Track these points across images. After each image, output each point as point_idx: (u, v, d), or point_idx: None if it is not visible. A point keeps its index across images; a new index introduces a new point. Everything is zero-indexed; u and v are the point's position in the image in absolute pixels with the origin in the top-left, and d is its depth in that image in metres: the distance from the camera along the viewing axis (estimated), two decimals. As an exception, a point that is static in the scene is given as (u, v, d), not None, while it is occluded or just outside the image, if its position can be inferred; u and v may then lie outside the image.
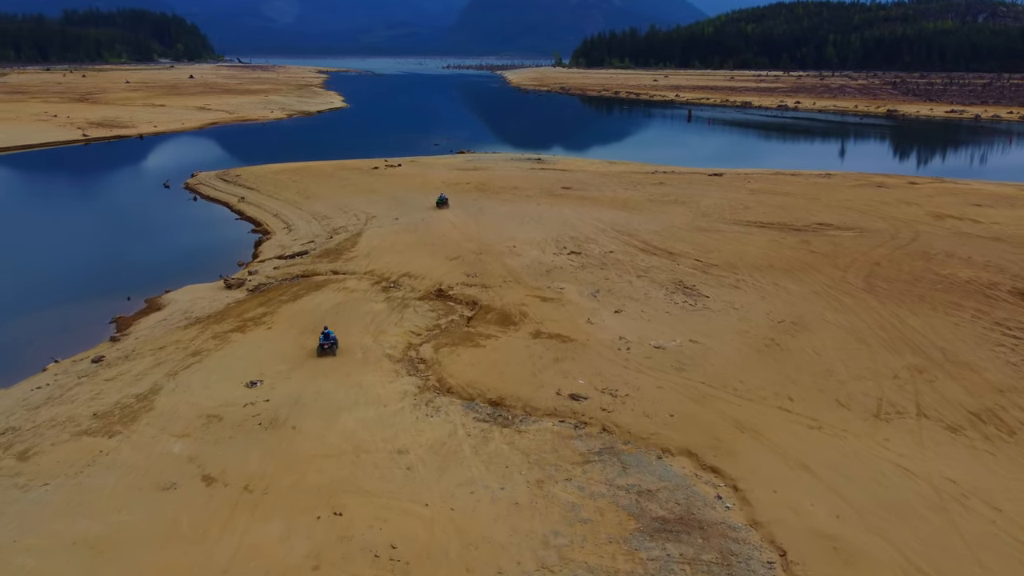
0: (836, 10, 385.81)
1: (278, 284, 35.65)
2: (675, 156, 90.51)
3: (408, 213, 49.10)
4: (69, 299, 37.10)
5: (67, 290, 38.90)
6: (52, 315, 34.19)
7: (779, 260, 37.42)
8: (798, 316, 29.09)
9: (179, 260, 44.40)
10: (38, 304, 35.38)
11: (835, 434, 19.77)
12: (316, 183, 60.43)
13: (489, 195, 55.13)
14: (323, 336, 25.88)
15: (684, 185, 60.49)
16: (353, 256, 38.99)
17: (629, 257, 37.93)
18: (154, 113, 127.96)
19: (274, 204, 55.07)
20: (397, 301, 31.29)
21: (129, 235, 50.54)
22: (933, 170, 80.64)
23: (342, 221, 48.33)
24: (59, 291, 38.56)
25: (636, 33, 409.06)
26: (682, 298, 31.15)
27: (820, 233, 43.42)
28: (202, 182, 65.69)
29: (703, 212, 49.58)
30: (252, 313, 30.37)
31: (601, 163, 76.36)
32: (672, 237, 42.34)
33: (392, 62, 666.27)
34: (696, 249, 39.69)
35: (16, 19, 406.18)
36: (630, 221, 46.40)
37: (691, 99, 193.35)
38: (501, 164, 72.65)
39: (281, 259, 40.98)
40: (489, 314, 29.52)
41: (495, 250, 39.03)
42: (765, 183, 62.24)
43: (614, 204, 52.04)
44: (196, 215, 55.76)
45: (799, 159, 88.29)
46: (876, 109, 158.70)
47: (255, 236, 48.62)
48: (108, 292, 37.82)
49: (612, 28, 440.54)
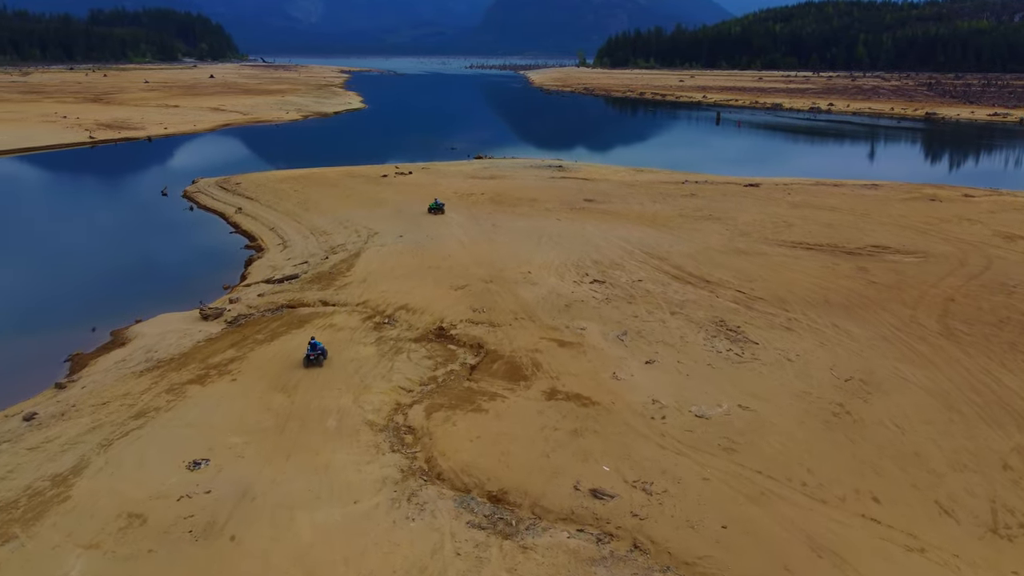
0: (867, 9, 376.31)
1: (259, 316, 31.27)
2: (705, 162, 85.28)
3: (414, 229, 44.57)
4: (29, 328, 33.05)
5: (30, 316, 34.86)
6: (3, 349, 30.08)
7: (835, 293, 32.34)
8: (868, 371, 24.08)
9: (160, 281, 40.31)
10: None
11: (944, 562, 14.85)
12: (319, 193, 56.13)
13: (504, 208, 50.46)
14: (310, 347, 24.82)
15: (718, 197, 55.38)
16: (347, 282, 34.49)
17: (660, 287, 33.05)
18: (166, 114, 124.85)
19: (272, 216, 50.83)
20: (389, 344, 26.70)
21: (112, 251, 46.52)
22: (986, 180, 74.55)
23: (341, 238, 43.91)
24: (20, 318, 34.54)
25: (662, 32, 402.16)
26: (725, 344, 26.24)
27: (878, 258, 38.21)
28: (201, 190, 61.72)
29: (741, 230, 44.51)
30: (219, 357, 25.93)
31: (626, 171, 71.38)
32: (708, 261, 37.37)
33: (415, 62, 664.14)
34: (737, 277, 34.71)
35: (43, 19, 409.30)
36: (660, 241, 41.47)
37: (719, 100, 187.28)
38: (519, 172, 67.94)
39: (269, 283, 36.62)
40: (496, 363, 24.83)
41: (507, 277, 34.33)
42: (807, 195, 56.95)
43: (641, 220, 47.13)
44: (188, 228, 51.70)
45: (839, 167, 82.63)
46: (914, 112, 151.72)
47: (247, 253, 44.40)
48: (75, 319, 33.74)
49: (637, 27, 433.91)
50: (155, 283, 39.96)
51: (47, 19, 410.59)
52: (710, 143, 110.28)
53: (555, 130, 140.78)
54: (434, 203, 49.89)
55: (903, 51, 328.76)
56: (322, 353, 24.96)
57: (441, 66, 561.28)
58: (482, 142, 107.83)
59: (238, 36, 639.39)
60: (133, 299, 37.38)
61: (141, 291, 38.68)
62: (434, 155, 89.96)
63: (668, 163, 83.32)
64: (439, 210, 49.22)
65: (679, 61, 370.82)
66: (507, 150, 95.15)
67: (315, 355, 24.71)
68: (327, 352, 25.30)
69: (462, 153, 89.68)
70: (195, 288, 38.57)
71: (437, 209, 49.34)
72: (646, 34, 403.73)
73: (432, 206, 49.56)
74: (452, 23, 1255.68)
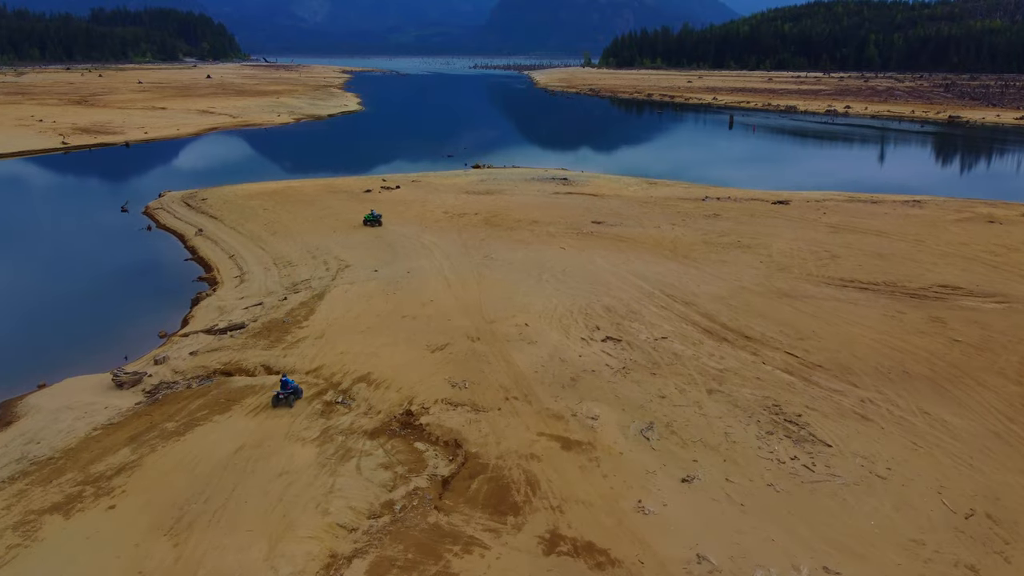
0: (877, 9, 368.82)
1: (184, 387, 24.67)
2: (722, 172, 78.48)
3: (392, 260, 37.90)
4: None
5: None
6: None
7: (911, 357, 25.55)
8: (991, 497, 17.34)
9: (90, 326, 33.73)
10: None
11: None
12: (290, 213, 49.50)
13: (500, 232, 43.75)
14: (282, 384, 22.81)
15: (745, 218, 48.59)
16: (301, 337, 27.83)
17: (691, 348, 26.31)
18: (151, 117, 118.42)
19: (234, 241, 44.26)
20: (337, 442, 20.04)
21: (43, 285, 39.86)
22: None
23: (307, 271, 37.25)
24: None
25: (668, 32, 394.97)
26: (787, 446, 19.49)
27: (950, 303, 31.40)
28: (164, 206, 55.23)
29: (778, 263, 37.72)
30: (108, 461, 19.33)
31: (638, 183, 64.56)
32: (745, 308, 30.61)
33: (420, 62, 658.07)
34: (783, 331, 27.96)
35: (43, 18, 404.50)
36: (684, 278, 34.70)
37: (729, 102, 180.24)
38: (519, 186, 61.18)
39: (210, 334, 30.02)
40: (476, 479, 18.14)
41: (499, 332, 27.63)
42: (844, 215, 50.11)
43: (660, 249, 40.37)
44: (140, 253, 45.16)
45: (869, 178, 75.78)
46: (936, 115, 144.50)
47: (199, 287, 37.87)
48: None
49: (643, 27, 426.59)
50: (82, 329, 33.41)
51: (47, 18, 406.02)
52: (725, 150, 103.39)
53: (559, 135, 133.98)
54: (370, 214, 46.71)
55: (915, 51, 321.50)
56: (294, 392, 22.69)
57: (445, 66, 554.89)
58: (481, 148, 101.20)
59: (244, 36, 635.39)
60: (49, 351, 30.96)
61: (62, 339, 32.21)
62: (428, 163, 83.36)
63: (682, 172, 76.58)
64: (375, 222, 46.10)
65: (686, 61, 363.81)
66: (507, 157, 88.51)
67: (284, 395, 22.50)
68: (301, 391, 23.02)
69: (459, 161, 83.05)
70: (127, 335, 32.15)
71: (373, 221, 46.17)
72: (653, 34, 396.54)
73: (368, 218, 46.43)
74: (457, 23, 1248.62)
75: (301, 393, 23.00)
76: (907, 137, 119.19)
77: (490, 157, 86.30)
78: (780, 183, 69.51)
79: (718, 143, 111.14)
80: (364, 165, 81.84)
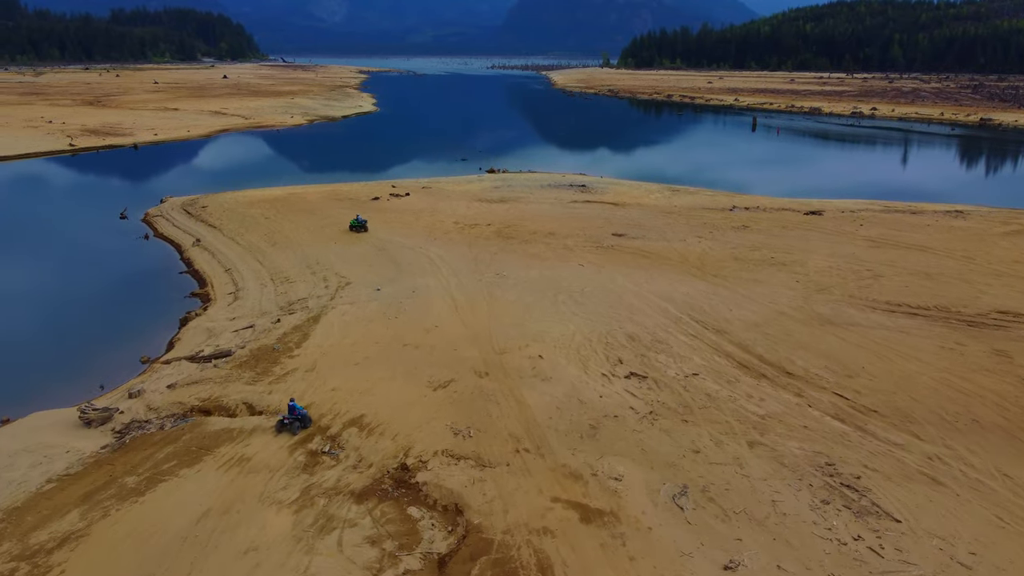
0: (901, 8, 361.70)
1: (156, 428, 22.04)
2: (748, 178, 75.10)
3: (397, 277, 35.12)
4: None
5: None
6: None
7: (978, 400, 22.39)
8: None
9: (68, 349, 31.27)
10: None
11: None
12: (293, 222, 46.88)
13: (514, 246, 40.86)
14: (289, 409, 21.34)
15: (776, 231, 45.39)
16: (290, 370, 25.10)
17: (726, 387, 23.29)
18: (162, 119, 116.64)
19: (232, 253, 41.71)
20: (318, 508, 17.24)
21: (27, 301, 37.44)
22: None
23: (304, 288, 34.56)
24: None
25: (688, 32, 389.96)
26: (847, 522, 16.45)
27: (1012, 332, 28.12)
28: (164, 213, 52.90)
29: (816, 282, 34.54)
30: (48, 532, 16.66)
31: (660, 190, 61.41)
32: (785, 337, 27.53)
33: (437, 62, 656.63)
34: (829, 367, 24.86)
35: (63, 19, 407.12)
36: (714, 301, 31.63)
37: (752, 104, 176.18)
38: (535, 193, 58.23)
39: (193, 361, 27.40)
40: (477, 563, 15.27)
41: (510, 365, 24.74)
42: (883, 227, 46.77)
43: (686, 265, 37.30)
44: (132, 266, 42.72)
45: (903, 184, 72.15)
46: (966, 117, 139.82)
47: (190, 304, 35.34)
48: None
49: (661, 27, 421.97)
50: (60, 352, 30.95)
51: (67, 19, 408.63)
52: (749, 154, 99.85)
53: (577, 137, 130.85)
54: (355, 220, 45.23)
55: (940, 52, 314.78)
56: (300, 420, 21.15)
57: (462, 66, 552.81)
58: (496, 151, 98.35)
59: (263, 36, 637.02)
60: (22, 377, 28.52)
61: (38, 363, 29.78)
62: (441, 167, 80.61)
63: (706, 178, 73.34)
64: (361, 228, 44.68)
65: (706, 62, 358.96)
66: (523, 160, 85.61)
67: (290, 420, 21.10)
68: (309, 420, 21.40)
69: (473, 165, 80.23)
70: (108, 360, 29.67)
71: (359, 227, 44.68)
72: (672, 34, 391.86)
73: (353, 223, 44.98)
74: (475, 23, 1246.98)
75: (310, 422, 21.40)
76: (938, 141, 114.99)
77: (505, 160, 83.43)
78: (810, 190, 66.11)
79: (741, 146, 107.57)
80: (374, 169, 79.27)
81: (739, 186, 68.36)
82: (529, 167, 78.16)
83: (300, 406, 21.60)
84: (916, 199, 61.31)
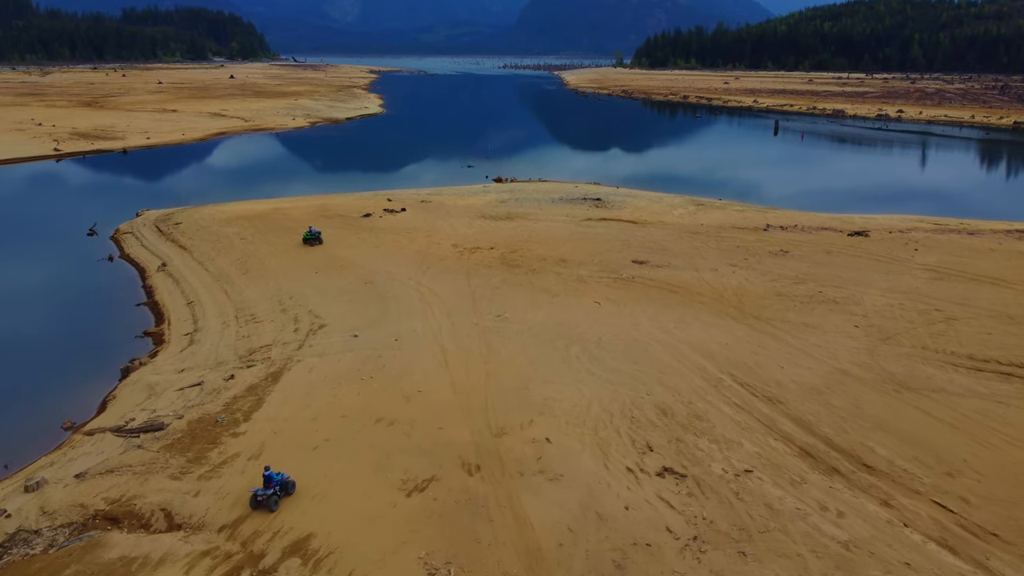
0: (921, 7, 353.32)
1: (42, 548, 16.86)
2: (777, 188, 69.30)
3: (379, 320, 29.72)
4: None
5: None
6: None
7: None
8: None
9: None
10: None
11: None
12: (271, 244, 41.58)
13: (519, 277, 35.35)
14: (264, 479, 17.37)
15: (820, 256, 39.67)
16: (230, 456, 19.79)
17: (791, 491, 17.75)
18: (157, 121, 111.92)
19: (198, 282, 36.51)
20: None
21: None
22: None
23: (270, 333, 29.24)
24: None
25: (703, 32, 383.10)
26: None
27: None
28: (135, 230, 47.91)
29: (879, 328, 28.86)
30: None
31: (683, 204, 55.67)
32: (854, 410, 21.93)
33: (449, 61, 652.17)
34: (919, 458, 19.29)
35: (75, 18, 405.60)
36: (760, 355, 26.04)
37: (771, 105, 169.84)
38: (545, 208, 52.68)
39: (119, 435, 22.22)
40: None
41: (509, 453, 19.33)
42: (940, 251, 40.98)
43: (721, 304, 31.70)
44: (86, 296, 37.68)
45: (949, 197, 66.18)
46: (999, 121, 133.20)
47: (139, 347, 30.18)
48: None
49: (675, 27, 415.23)
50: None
51: (79, 18, 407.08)
52: (774, 160, 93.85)
53: (590, 140, 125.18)
54: (309, 233, 41.31)
55: (962, 51, 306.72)
56: (282, 488, 17.57)
57: (475, 66, 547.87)
58: (505, 155, 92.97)
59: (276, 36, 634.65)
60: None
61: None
62: (446, 174, 75.28)
63: (730, 188, 67.58)
64: (315, 240, 40.77)
65: (721, 62, 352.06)
66: (533, 166, 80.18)
67: (264, 496, 17.34)
68: (291, 483, 17.84)
69: (479, 172, 74.80)
70: (25, 424, 24.67)
71: (313, 240, 40.76)
72: (686, 33, 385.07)
73: (307, 236, 41.06)
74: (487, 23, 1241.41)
75: (293, 487, 17.84)
76: (973, 146, 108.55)
77: (514, 167, 78.01)
78: (845, 202, 60.28)
79: (765, 152, 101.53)
80: (371, 178, 74.10)
81: (768, 198, 62.62)
82: (539, 175, 72.71)
83: (277, 474, 17.64)
84: (965, 214, 55.47)
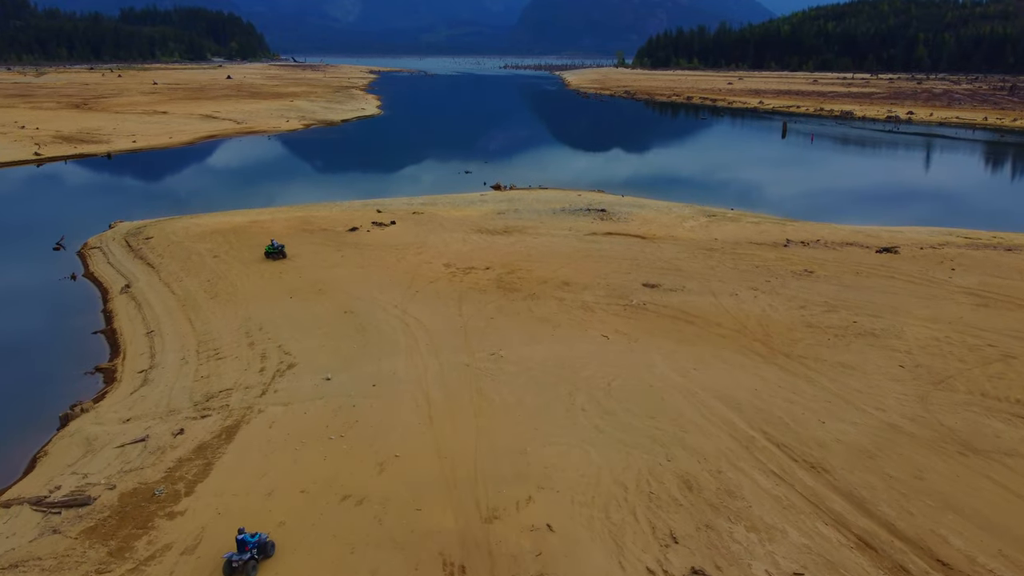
0: (925, 7, 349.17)
1: None
2: (791, 196, 65.71)
3: (356, 358, 26.09)
4: None
5: None
6: None
7: None
8: None
9: None
10: None
11: None
12: (243, 263, 37.91)
13: (517, 304, 31.69)
14: (238, 543, 15.18)
15: (848, 277, 36.01)
16: (161, 548, 16.18)
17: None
18: (146, 123, 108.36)
19: (161, 307, 32.95)
20: None
21: None
22: None
23: (233, 374, 25.62)
24: None
25: (705, 32, 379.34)
26: None
27: None
28: (103, 245, 44.41)
29: (928, 368, 25.21)
30: None
31: (694, 215, 52.01)
32: (914, 481, 18.31)
33: (450, 61, 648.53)
34: (1004, 552, 15.71)
35: (72, 18, 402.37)
36: (795, 406, 22.38)
37: (777, 106, 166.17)
38: (546, 220, 49.02)
39: (38, 509, 18.77)
40: None
41: (502, 547, 15.75)
42: (979, 271, 37.33)
43: (745, 337, 28.04)
44: (40, 321, 34.22)
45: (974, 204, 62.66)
46: (1013, 122, 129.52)
47: (88, 385, 26.65)
48: None
49: (676, 27, 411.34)
50: None
51: (76, 18, 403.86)
52: (784, 165, 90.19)
53: (593, 143, 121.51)
54: (271, 246, 38.55)
55: (967, 51, 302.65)
56: (260, 550, 15.28)
57: (475, 66, 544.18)
58: (504, 160, 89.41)
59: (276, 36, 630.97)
60: None
61: None
62: (441, 181, 71.69)
63: (741, 196, 64.01)
64: (278, 254, 38.09)
65: (724, 62, 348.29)
66: (534, 170, 76.65)
67: (240, 561, 14.91)
68: (270, 545, 15.66)
69: (477, 178, 71.20)
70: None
71: (276, 254, 38.05)
72: (689, 33, 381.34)
73: (269, 250, 38.32)
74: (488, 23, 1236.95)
75: (272, 549, 15.70)
76: (989, 149, 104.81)
77: (513, 172, 74.44)
78: (867, 213, 56.73)
79: (774, 156, 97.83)
80: (363, 185, 70.56)
81: (782, 207, 59.04)
82: (540, 179, 69.19)
83: (252, 535, 15.40)
84: (995, 225, 52.02)
